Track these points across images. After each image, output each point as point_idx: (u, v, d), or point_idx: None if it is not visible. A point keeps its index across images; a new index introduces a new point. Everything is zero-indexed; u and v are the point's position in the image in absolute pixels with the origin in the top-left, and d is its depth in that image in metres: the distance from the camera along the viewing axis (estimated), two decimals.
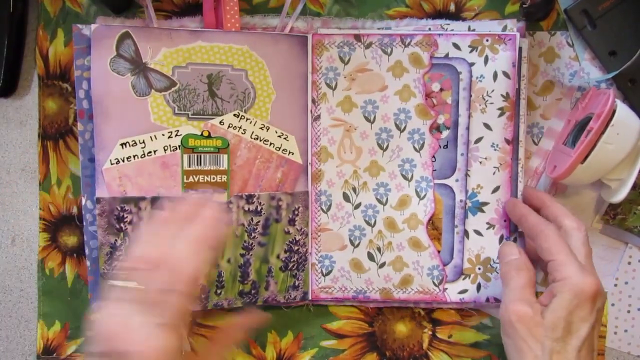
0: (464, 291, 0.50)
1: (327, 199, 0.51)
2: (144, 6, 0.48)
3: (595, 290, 0.40)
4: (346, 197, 0.51)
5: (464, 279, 0.51)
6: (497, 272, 0.50)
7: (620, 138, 0.43)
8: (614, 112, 0.43)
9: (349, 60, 0.49)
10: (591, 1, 0.48)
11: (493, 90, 0.48)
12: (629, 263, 0.51)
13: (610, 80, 0.49)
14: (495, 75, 0.48)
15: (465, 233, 0.50)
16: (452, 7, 0.50)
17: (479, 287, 0.50)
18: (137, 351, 0.35)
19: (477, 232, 0.50)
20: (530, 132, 0.50)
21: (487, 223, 0.50)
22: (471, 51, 0.49)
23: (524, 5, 0.47)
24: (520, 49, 0.48)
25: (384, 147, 0.50)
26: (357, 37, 0.49)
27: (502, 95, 0.48)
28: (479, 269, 0.50)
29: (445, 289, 0.51)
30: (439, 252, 0.50)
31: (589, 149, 0.44)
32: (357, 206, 0.51)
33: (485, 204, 0.50)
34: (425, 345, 0.53)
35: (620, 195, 0.46)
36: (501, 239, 0.50)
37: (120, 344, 0.35)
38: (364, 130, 0.50)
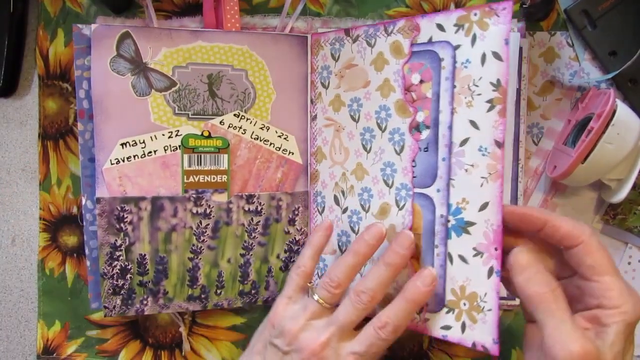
0: (447, 327, 0.42)
1: (322, 201, 0.50)
2: (144, 6, 0.48)
3: None
4: (336, 200, 0.48)
5: (447, 312, 0.42)
6: (485, 313, 0.39)
7: (620, 138, 0.43)
8: (614, 111, 0.43)
9: (339, 57, 0.47)
10: (591, 1, 0.48)
11: (480, 78, 0.39)
12: (629, 263, 0.51)
13: (610, 80, 0.49)
14: (483, 58, 0.38)
15: (449, 257, 0.41)
16: (452, 7, 0.50)
17: (463, 327, 0.41)
18: None
19: (462, 259, 0.41)
20: (530, 132, 0.50)
21: (474, 249, 0.40)
22: (457, 31, 0.40)
23: (524, 5, 0.47)
24: (520, 49, 0.48)
25: (368, 149, 0.46)
26: (347, 32, 0.47)
27: (491, 84, 0.38)
28: (464, 304, 0.41)
29: (426, 320, 0.43)
30: None
31: (589, 149, 0.44)
32: (345, 210, 0.48)
33: (472, 224, 0.40)
34: (425, 345, 0.53)
35: (620, 195, 0.46)
36: (490, 271, 0.39)
37: (311, 357, 0.40)
38: (350, 130, 0.47)
